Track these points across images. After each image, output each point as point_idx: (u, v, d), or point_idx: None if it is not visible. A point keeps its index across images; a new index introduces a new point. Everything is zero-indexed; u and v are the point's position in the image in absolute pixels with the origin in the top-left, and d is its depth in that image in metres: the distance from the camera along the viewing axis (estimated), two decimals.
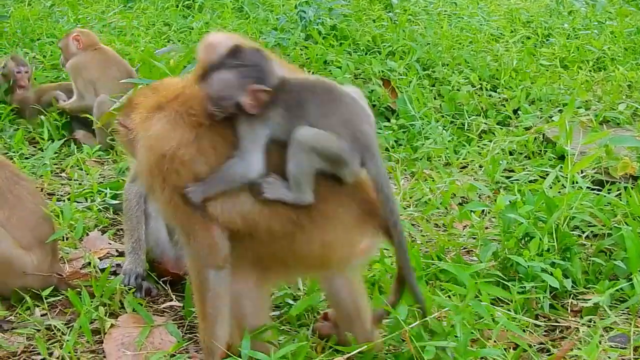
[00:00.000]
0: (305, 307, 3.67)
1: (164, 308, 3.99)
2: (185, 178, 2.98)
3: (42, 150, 6.18)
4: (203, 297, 3.15)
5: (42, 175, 5.67)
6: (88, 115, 6.36)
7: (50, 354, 3.49)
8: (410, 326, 3.12)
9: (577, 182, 4.47)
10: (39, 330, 3.67)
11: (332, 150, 2.91)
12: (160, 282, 4.17)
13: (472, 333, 3.20)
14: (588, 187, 4.51)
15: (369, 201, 3.02)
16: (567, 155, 4.30)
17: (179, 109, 3.04)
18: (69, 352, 3.45)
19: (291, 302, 3.83)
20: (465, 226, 4.81)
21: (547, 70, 8.06)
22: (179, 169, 2.98)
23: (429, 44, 8.31)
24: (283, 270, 3.15)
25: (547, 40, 9.37)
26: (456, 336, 3.23)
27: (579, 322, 3.64)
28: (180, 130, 3.00)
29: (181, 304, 3.96)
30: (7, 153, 6.10)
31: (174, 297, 4.08)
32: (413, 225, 4.80)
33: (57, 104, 6.67)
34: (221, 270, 3.08)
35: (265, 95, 2.94)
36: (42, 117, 6.60)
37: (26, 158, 6.04)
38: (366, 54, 8.08)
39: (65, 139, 6.52)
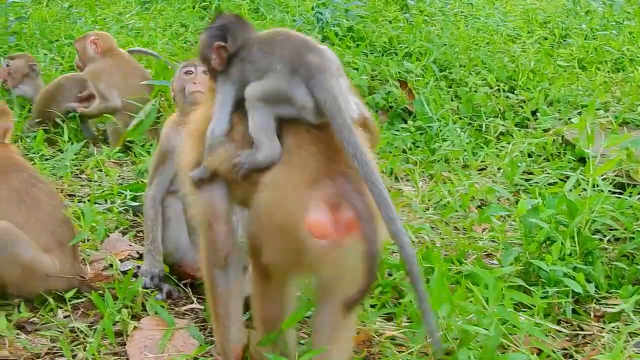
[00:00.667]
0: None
1: (185, 310, 4.01)
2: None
3: (62, 152, 6.20)
4: (213, 297, 3.19)
5: (62, 177, 5.69)
6: (109, 116, 6.40)
7: (74, 356, 3.51)
8: (429, 340, 3.12)
9: (597, 186, 4.45)
10: (62, 332, 3.69)
11: (273, 90, 2.91)
12: (181, 285, 4.18)
13: (505, 335, 3.20)
14: (609, 191, 4.48)
15: (334, 159, 2.88)
16: (589, 158, 4.29)
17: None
18: (93, 354, 3.46)
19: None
20: (484, 229, 4.81)
21: (565, 71, 8.04)
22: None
23: (446, 45, 8.31)
24: (271, 254, 2.98)
25: (565, 40, 9.35)
26: (477, 341, 3.25)
27: (602, 328, 3.62)
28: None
29: (202, 307, 3.97)
30: (27, 154, 6.13)
31: (194, 299, 4.10)
32: (432, 228, 4.79)
33: (81, 112, 6.71)
34: (225, 270, 3.11)
35: (225, 51, 3.05)
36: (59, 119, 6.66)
37: (46, 159, 6.07)
38: (383, 55, 8.08)
39: (85, 140, 6.55)
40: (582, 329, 3.67)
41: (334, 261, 2.85)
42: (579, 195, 4.41)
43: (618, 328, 3.57)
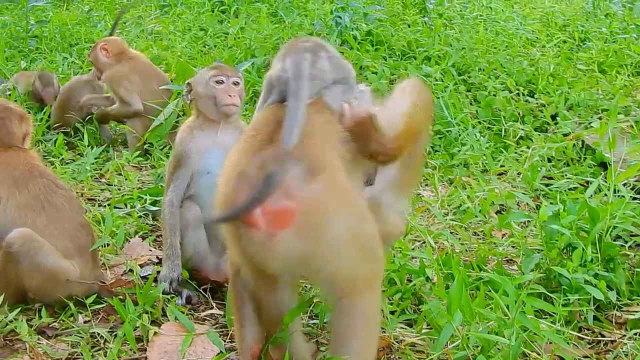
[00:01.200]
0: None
1: (204, 316, 4.01)
2: None
3: (82, 156, 6.23)
4: (233, 296, 3.23)
5: (82, 181, 5.72)
6: (125, 126, 6.44)
7: (94, 358, 3.52)
8: (451, 346, 3.10)
9: (619, 191, 4.42)
10: (83, 337, 3.70)
11: (266, 79, 3.10)
12: (200, 290, 4.19)
13: (526, 343, 3.18)
14: (630, 196, 4.45)
15: None
16: (610, 164, 4.26)
17: None
18: None
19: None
20: (504, 235, 4.78)
21: (585, 75, 7.98)
22: None
23: (465, 48, 8.27)
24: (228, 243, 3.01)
25: (584, 44, 9.28)
26: (498, 349, 3.23)
27: (624, 335, 3.60)
28: None
29: (222, 312, 3.98)
30: (47, 157, 6.17)
31: (214, 304, 4.11)
32: (452, 233, 4.78)
33: (101, 112, 6.75)
34: (240, 274, 3.12)
35: None
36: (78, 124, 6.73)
37: (66, 163, 6.10)
38: (401, 59, 8.07)
39: (105, 145, 6.59)
40: (604, 336, 3.64)
41: (269, 255, 2.73)
42: (600, 201, 4.38)
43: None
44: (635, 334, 3.58)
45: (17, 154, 4.16)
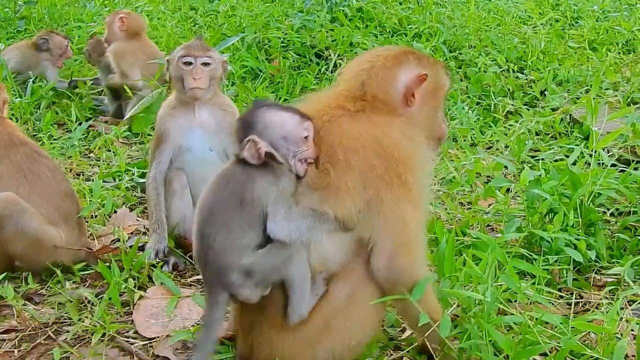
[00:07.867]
0: None
1: (191, 282, 4.06)
2: None
3: (70, 132, 6.24)
4: None
5: (70, 156, 5.73)
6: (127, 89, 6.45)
7: (80, 320, 3.55)
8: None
9: (602, 160, 4.44)
10: (70, 301, 3.72)
11: None
12: (187, 257, 4.22)
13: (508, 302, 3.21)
14: (613, 165, 4.47)
15: None
16: (592, 132, 4.28)
17: None
18: (100, 318, 3.51)
19: None
20: (490, 204, 4.79)
21: (576, 53, 7.99)
22: None
23: (456, 26, 8.28)
24: None
25: (576, 22, 9.28)
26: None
27: (601, 296, 3.63)
28: None
29: None
30: (36, 135, 6.18)
31: None
32: (439, 203, 4.79)
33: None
34: None
35: None
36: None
37: (55, 139, 6.11)
38: (392, 36, 8.06)
39: (92, 121, 6.60)
40: (582, 297, 3.68)
41: None
42: (583, 169, 4.40)
43: (617, 295, 3.56)
44: (611, 292, 3.62)
45: None
